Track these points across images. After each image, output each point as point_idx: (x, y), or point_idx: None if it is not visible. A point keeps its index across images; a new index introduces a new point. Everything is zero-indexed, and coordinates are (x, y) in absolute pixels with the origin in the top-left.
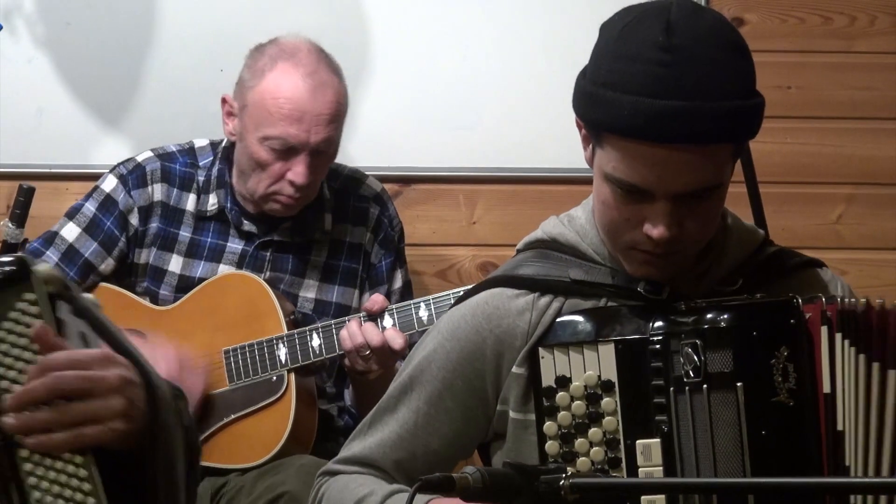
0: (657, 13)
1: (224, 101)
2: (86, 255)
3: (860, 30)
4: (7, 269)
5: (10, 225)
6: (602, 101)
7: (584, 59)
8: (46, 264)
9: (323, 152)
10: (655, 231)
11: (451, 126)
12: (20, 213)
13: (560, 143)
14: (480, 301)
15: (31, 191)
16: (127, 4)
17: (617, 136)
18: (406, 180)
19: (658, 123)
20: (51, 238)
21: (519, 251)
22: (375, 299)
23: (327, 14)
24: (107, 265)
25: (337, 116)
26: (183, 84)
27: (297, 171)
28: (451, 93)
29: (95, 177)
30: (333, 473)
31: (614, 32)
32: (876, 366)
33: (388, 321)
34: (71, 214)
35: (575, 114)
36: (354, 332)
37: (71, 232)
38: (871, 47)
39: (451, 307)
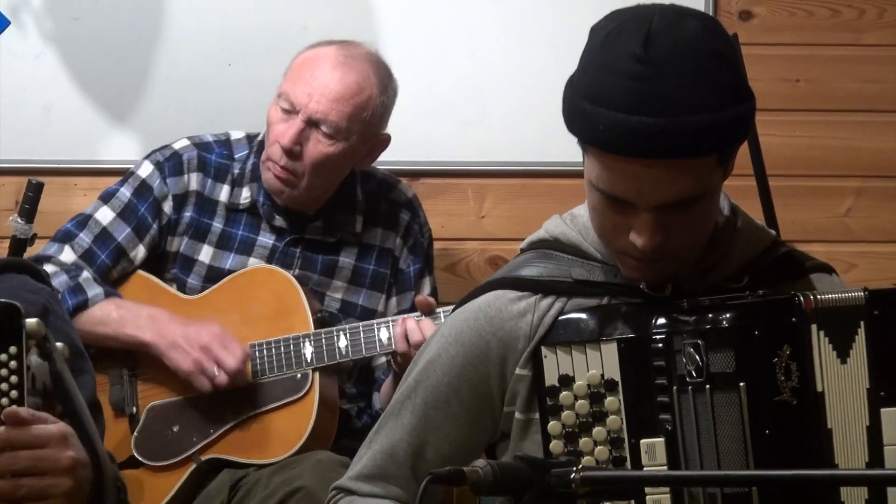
0: (639, 22)
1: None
2: (118, 240)
3: (869, 22)
4: (2, 319)
5: (19, 220)
6: (581, 114)
7: None
8: (34, 319)
9: (318, 128)
10: (640, 240)
11: (459, 120)
12: (29, 209)
13: (569, 138)
14: (483, 304)
15: (40, 186)
16: (134, 0)
17: (597, 149)
18: (415, 174)
19: (633, 139)
20: (84, 220)
21: (522, 251)
22: (428, 300)
23: (336, 9)
24: (138, 251)
25: (347, 101)
26: (191, 79)
27: (286, 132)
28: (459, 87)
29: (104, 172)
30: (347, 491)
31: (597, 40)
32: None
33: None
34: (105, 198)
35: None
36: (413, 328)
37: (105, 215)
38: (880, 40)
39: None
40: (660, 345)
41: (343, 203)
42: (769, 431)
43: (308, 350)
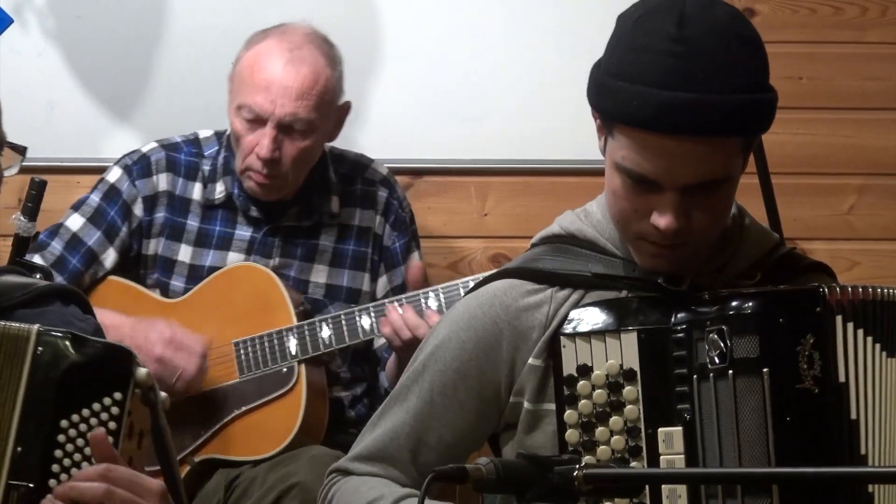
0: (671, 5)
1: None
2: (89, 244)
3: (871, 20)
4: (113, 363)
5: (22, 218)
6: (613, 91)
7: (594, 52)
8: (144, 369)
9: (291, 128)
10: (662, 221)
11: (462, 118)
12: (32, 207)
13: (571, 135)
14: (498, 291)
15: (44, 184)
16: None
17: (627, 127)
18: (417, 172)
19: (666, 115)
20: (56, 229)
21: (534, 245)
22: (416, 265)
23: (338, 6)
24: (108, 255)
25: (309, 94)
26: (194, 77)
27: (263, 143)
28: (461, 85)
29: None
30: (346, 472)
31: (629, 23)
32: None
33: (433, 303)
34: (77, 206)
35: (589, 103)
36: (397, 323)
37: (75, 222)
38: (883, 37)
39: (465, 294)
40: (681, 335)
41: (317, 186)
42: (790, 418)
43: (292, 343)
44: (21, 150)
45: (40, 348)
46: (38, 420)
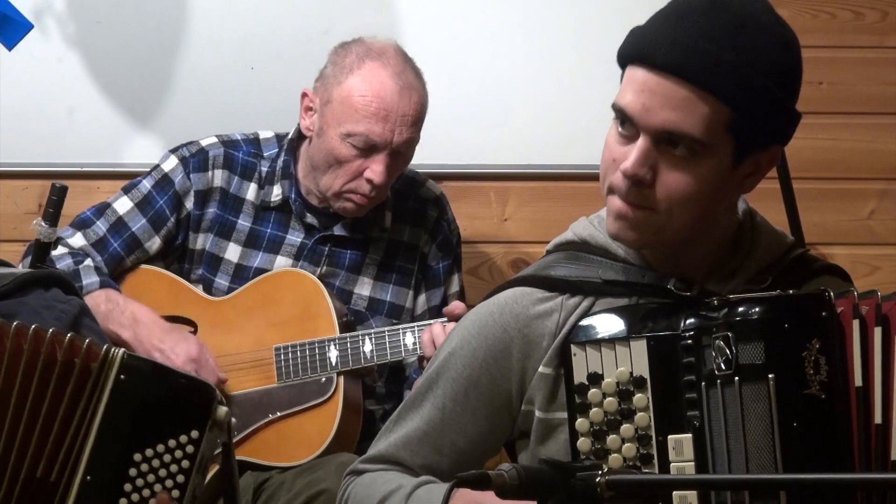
0: None
1: (304, 95)
2: (133, 230)
3: (892, 25)
4: (194, 399)
5: (43, 224)
6: (628, 35)
7: (615, 57)
8: (224, 407)
9: (402, 154)
10: (626, 163)
11: (482, 123)
12: (53, 212)
13: (592, 140)
14: (509, 299)
15: (64, 190)
16: (157, 3)
17: (624, 66)
18: (438, 177)
19: (654, 47)
20: (103, 209)
21: (549, 252)
22: (457, 304)
23: (359, 12)
24: (153, 243)
25: (420, 119)
26: (214, 83)
27: (376, 169)
28: (482, 90)
29: (127, 175)
30: (360, 472)
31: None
32: None
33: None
34: (127, 189)
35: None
36: (439, 334)
37: (123, 205)
38: None
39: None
40: (689, 341)
41: None
42: (797, 424)
43: (333, 354)
44: None
45: (123, 375)
46: (111, 450)
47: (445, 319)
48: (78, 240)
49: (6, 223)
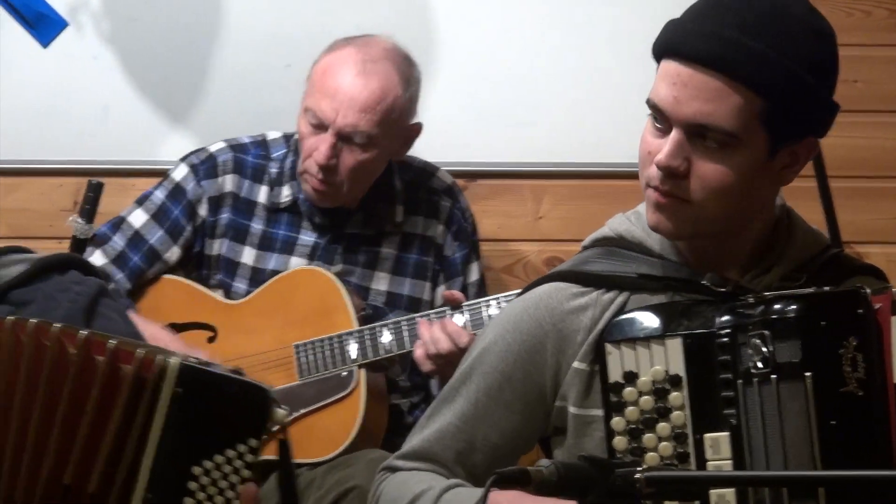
0: None
1: None
2: (151, 242)
3: None
4: (252, 405)
5: (79, 220)
6: (662, 29)
7: (650, 54)
8: (282, 410)
9: (351, 140)
10: (660, 155)
11: (516, 121)
12: (89, 209)
13: (627, 138)
14: (544, 294)
15: (100, 186)
16: (192, 1)
17: (661, 58)
18: (472, 175)
19: (686, 39)
20: (118, 223)
21: (585, 248)
22: (453, 294)
23: (393, 10)
24: (172, 253)
25: (373, 109)
26: (249, 79)
27: (319, 147)
28: (516, 87)
29: (162, 173)
30: (393, 469)
31: None
32: None
33: (458, 319)
34: (140, 201)
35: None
36: (424, 336)
37: (138, 218)
38: None
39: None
40: (725, 339)
41: (382, 194)
42: (835, 422)
43: (352, 347)
44: None
45: (180, 388)
46: (171, 465)
47: (450, 308)
48: (98, 258)
49: (41, 220)
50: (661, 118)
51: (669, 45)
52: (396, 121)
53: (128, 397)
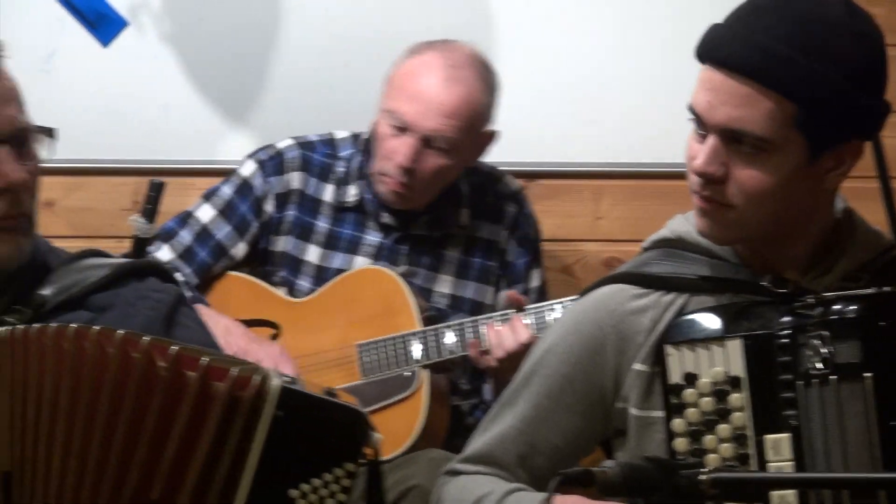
0: None
1: None
2: (218, 238)
3: None
4: (348, 430)
5: (140, 220)
6: (704, 33)
7: None
8: (378, 435)
9: (432, 144)
10: (697, 160)
11: (576, 121)
12: (151, 209)
13: (685, 138)
14: (604, 296)
15: (162, 186)
16: (252, 0)
17: (702, 63)
18: (531, 175)
19: (719, 44)
20: (186, 218)
21: (645, 249)
22: (515, 294)
23: (453, 11)
24: (239, 249)
25: (457, 114)
26: (309, 79)
27: (400, 149)
28: (575, 87)
29: (222, 172)
30: (455, 473)
31: None
32: None
33: (526, 321)
34: (208, 196)
35: None
36: (491, 340)
37: (206, 213)
38: None
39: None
40: (785, 340)
41: (448, 197)
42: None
43: (416, 348)
44: (50, 133)
45: (281, 412)
46: (269, 486)
47: (514, 311)
48: (165, 253)
49: (102, 219)
50: (700, 123)
51: (705, 50)
52: (476, 127)
53: (221, 415)
